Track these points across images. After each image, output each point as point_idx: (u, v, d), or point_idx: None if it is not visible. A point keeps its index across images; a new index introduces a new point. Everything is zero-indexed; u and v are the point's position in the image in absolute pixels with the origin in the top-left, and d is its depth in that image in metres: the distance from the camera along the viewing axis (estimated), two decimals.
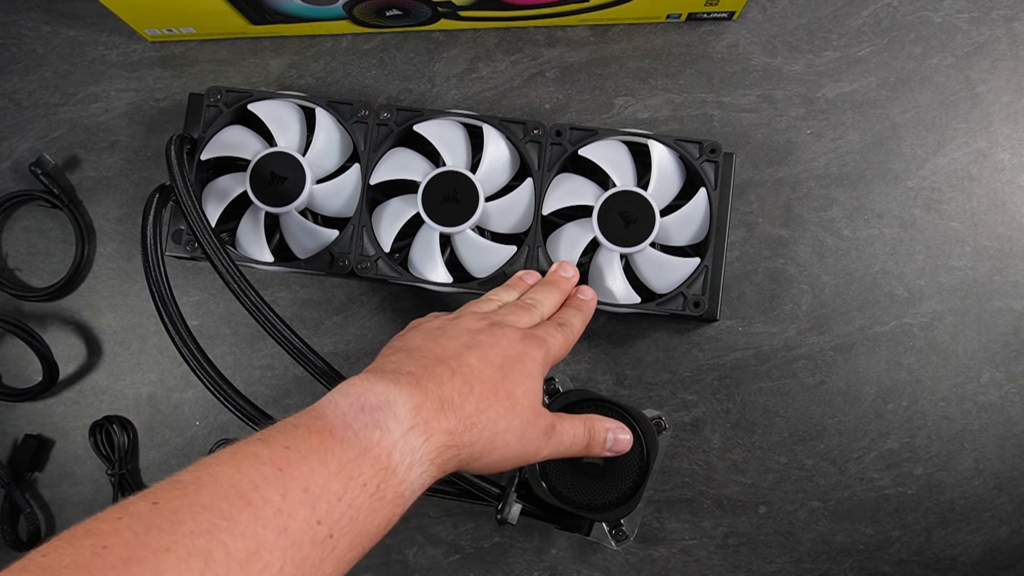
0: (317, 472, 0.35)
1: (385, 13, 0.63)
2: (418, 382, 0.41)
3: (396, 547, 0.63)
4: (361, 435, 0.38)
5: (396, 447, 0.38)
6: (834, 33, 0.65)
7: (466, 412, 0.42)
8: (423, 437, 0.40)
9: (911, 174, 0.64)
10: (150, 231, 0.54)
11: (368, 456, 0.37)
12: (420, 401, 0.40)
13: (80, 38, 0.67)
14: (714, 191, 0.58)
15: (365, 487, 0.36)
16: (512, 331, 0.47)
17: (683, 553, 0.62)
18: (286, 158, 0.59)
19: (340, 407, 0.39)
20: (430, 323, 0.49)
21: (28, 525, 0.62)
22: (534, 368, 0.47)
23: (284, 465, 0.35)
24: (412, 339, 0.47)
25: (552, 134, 0.59)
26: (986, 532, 0.62)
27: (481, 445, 0.43)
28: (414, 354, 0.44)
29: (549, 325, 0.51)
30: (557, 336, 0.50)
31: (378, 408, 0.39)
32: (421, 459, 0.39)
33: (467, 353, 0.45)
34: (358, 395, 0.40)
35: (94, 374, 0.65)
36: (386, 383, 0.40)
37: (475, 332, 0.47)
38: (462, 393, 0.42)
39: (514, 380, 0.45)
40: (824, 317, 0.63)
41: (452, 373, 0.43)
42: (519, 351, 0.46)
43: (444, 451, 0.41)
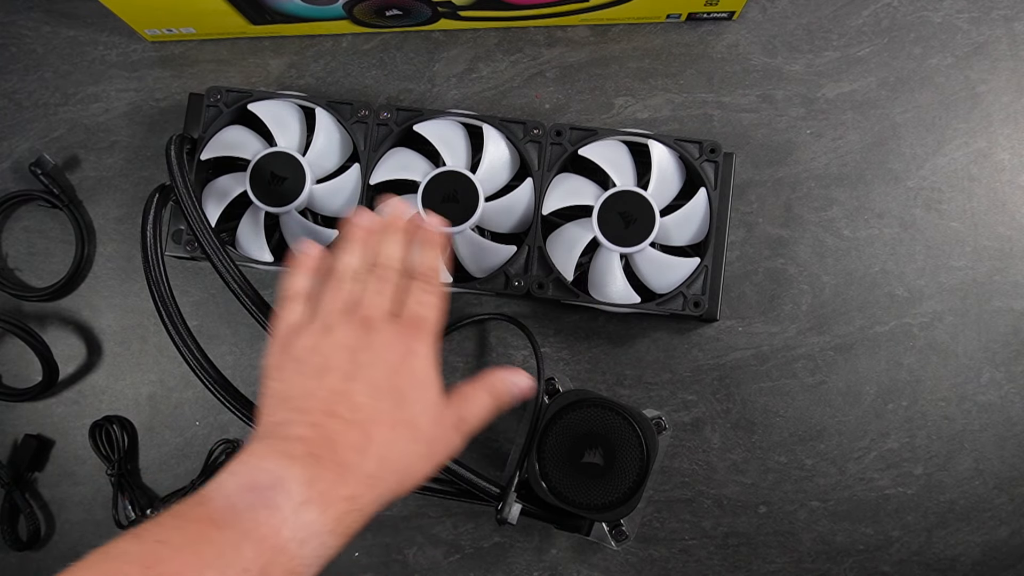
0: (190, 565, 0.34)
1: (385, 13, 0.63)
2: (311, 450, 0.39)
3: (396, 547, 0.63)
4: (245, 517, 0.36)
5: (286, 524, 0.36)
6: (834, 33, 0.65)
7: (367, 471, 0.40)
8: (318, 510, 0.38)
9: (911, 174, 0.64)
10: (150, 231, 0.54)
11: (250, 538, 0.36)
12: (314, 474, 0.38)
13: (80, 38, 0.67)
14: (714, 191, 0.58)
15: (247, 572, 0.35)
16: (389, 330, 0.44)
17: (683, 553, 0.62)
18: (286, 158, 0.59)
19: (226, 489, 0.38)
20: (302, 342, 0.44)
21: (28, 525, 0.62)
22: (425, 369, 0.44)
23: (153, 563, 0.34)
24: (292, 381, 0.43)
25: (552, 134, 0.59)
26: (986, 532, 0.62)
27: (390, 490, 0.42)
28: (301, 408, 0.42)
29: (415, 289, 0.47)
30: (429, 299, 0.47)
31: (269, 487, 0.37)
32: (318, 531, 0.37)
33: (354, 389, 0.42)
34: (247, 474, 0.38)
35: (94, 374, 0.65)
36: (277, 457, 0.39)
37: (353, 351, 0.43)
38: (360, 449, 0.40)
39: (410, 401, 0.43)
40: (824, 317, 0.63)
41: (347, 427, 0.41)
42: (403, 354, 0.44)
43: (344, 517, 0.39)
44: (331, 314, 0.46)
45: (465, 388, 0.47)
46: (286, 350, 0.45)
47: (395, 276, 0.47)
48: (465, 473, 0.56)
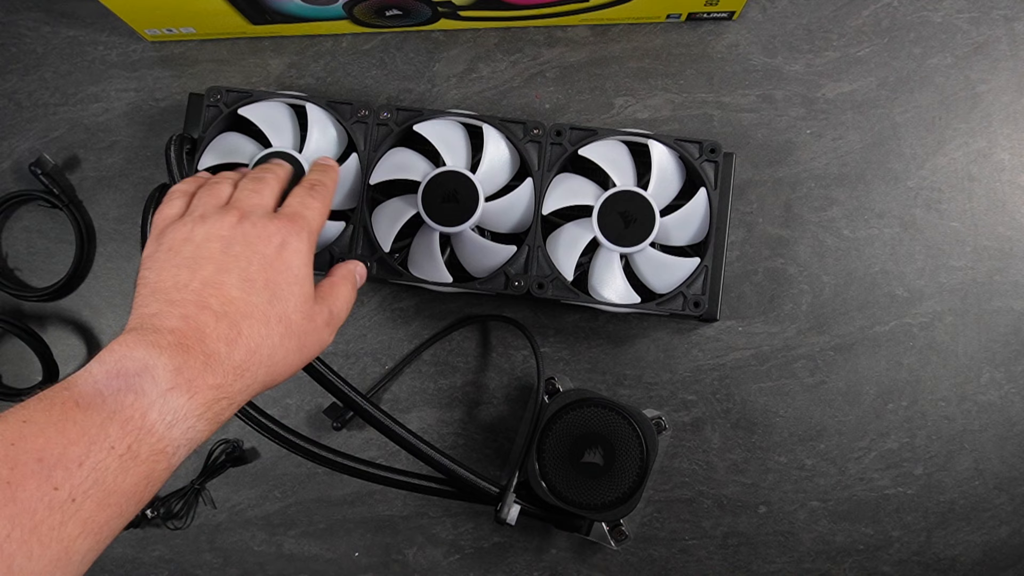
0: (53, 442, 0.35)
1: (385, 13, 0.63)
2: (180, 340, 0.40)
3: (396, 547, 0.63)
4: (110, 400, 0.37)
5: (153, 407, 0.38)
6: (834, 33, 0.65)
7: (235, 362, 0.41)
8: (186, 396, 0.39)
9: (911, 174, 0.64)
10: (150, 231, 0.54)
11: (116, 419, 0.37)
12: (182, 362, 0.39)
13: (80, 38, 0.67)
14: (714, 191, 0.58)
15: (113, 449, 0.36)
16: (264, 222, 0.46)
17: (683, 553, 0.62)
18: (284, 157, 0.59)
19: (94, 375, 0.38)
20: (178, 231, 0.46)
21: None
22: (299, 264, 0.45)
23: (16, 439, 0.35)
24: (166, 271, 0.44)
25: (552, 134, 0.59)
26: (986, 532, 0.62)
27: (260, 381, 0.43)
28: (173, 299, 0.42)
29: (299, 192, 0.49)
30: (312, 203, 0.48)
31: (135, 374, 0.38)
32: (186, 415, 0.39)
33: (227, 281, 0.43)
34: (115, 361, 0.39)
35: None
36: (146, 347, 0.40)
37: (229, 243, 0.44)
38: (229, 341, 0.41)
39: (283, 296, 0.44)
40: (824, 317, 0.63)
41: (216, 319, 0.42)
42: (278, 246, 0.45)
43: (213, 404, 0.40)
44: (207, 206, 0.47)
45: (327, 285, 0.49)
46: (160, 240, 0.46)
47: (272, 181, 0.49)
48: (464, 473, 0.56)
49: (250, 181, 0.49)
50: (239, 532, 0.63)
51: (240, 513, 0.63)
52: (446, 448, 0.63)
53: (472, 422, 0.63)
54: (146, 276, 0.44)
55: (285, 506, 0.63)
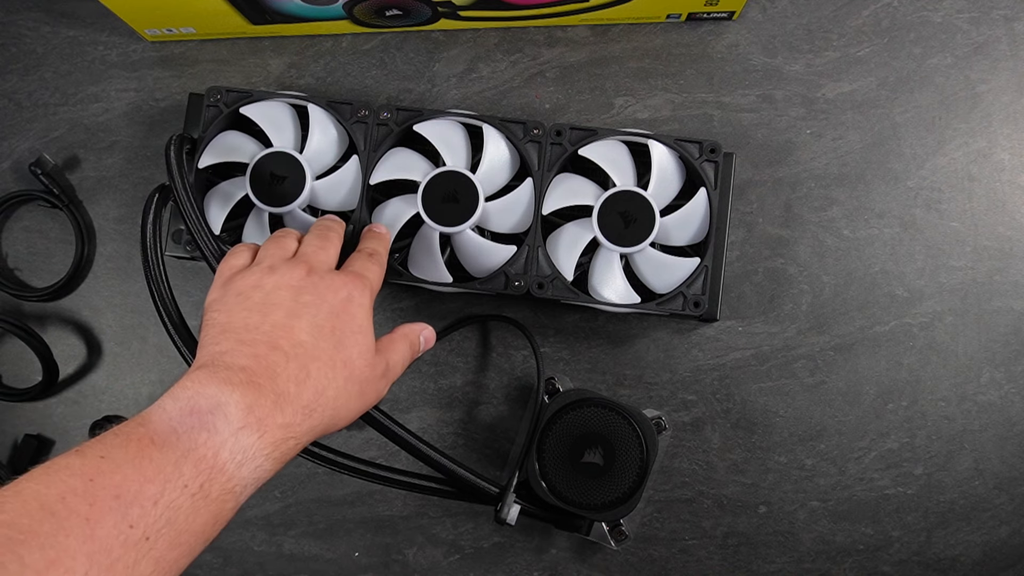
0: (130, 479, 0.35)
1: (385, 13, 0.63)
2: (252, 379, 0.41)
3: (396, 547, 0.63)
4: (184, 438, 0.38)
5: (225, 446, 0.38)
6: (834, 33, 0.65)
7: (303, 402, 0.42)
8: (256, 435, 0.40)
9: (911, 174, 0.64)
10: (150, 231, 0.54)
11: (190, 458, 0.37)
12: (254, 400, 0.40)
13: (80, 38, 0.67)
14: (714, 191, 0.58)
15: (186, 488, 0.37)
16: (331, 276, 0.48)
17: (683, 553, 0.62)
18: (284, 157, 0.59)
19: (168, 411, 0.39)
20: (246, 279, 0.47)
21: None
22: (363, 317, 0.47)
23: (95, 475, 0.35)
24: (236, 313, 0.45)
25: (552, 134, 0.59)
26: (986, 532, 0.62)
27: (324, 423, 0.44)
28: (244, 339, 0.43)
29: (359, 257, 0.51)
30: (372, 267, 0.51)
31: (208, 411, 0.39)
32: (255, 455, 0.39)
33: (297, 326, 0.44)
34: (188, 399, 0.40)
35: (94, 374, 0.65)
36: (218, 384, 0.40)
37: (297, 291, 0.46)
38: (298, 381, 0.43)
39: (348, 344, 0.46)
40: (824, 317, 0.63)
41: (287, 359, 0.43)
42: (345, 299, 0.47)
43: (280, 444, 0.41)
44: (275, 257, 0.49)
45: (387, 340, 0.50)
46: (228, 286, 0.47)
47: (335, 237, 0.52)
48: (464, 474, 0.56)
49: (315, 238, 0.51)
50: (239, 532, 0.63)
51: (240, 513, 0.63)
52: (446, 448, 0.63)
53: (472, 422, 0.63)
54: (215, 318, 0.46)
55: (285, 506, 0.63)
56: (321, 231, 0.52)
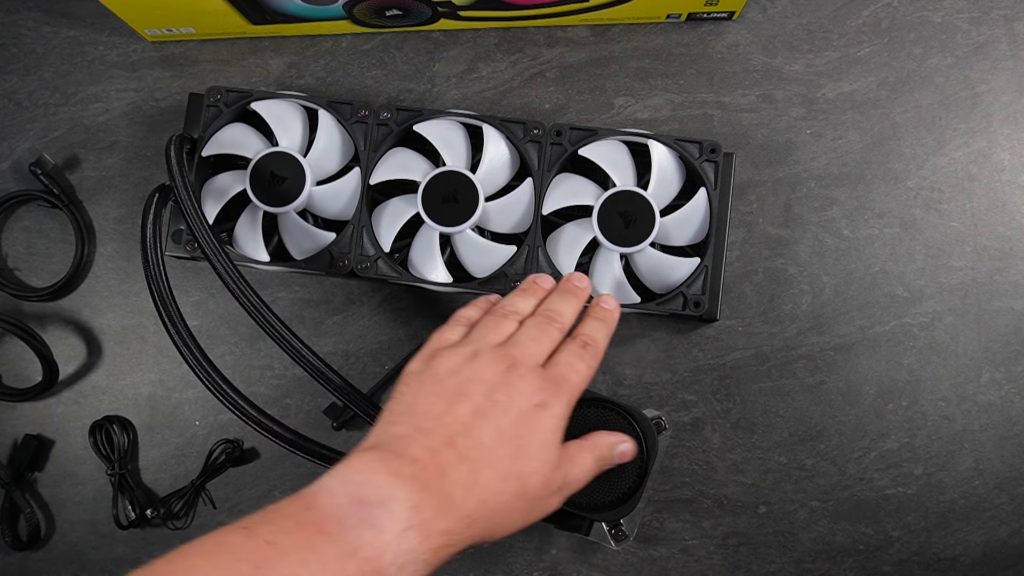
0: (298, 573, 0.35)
1: (385, 13, 0.63)
2: (420, 476, 0.40)
3: None
4: (351, 533, 0.37)
5: (388, 549, 0.37)
6: (834, 33, 0.65)
7: (467, 510, 0.40)
8: (419, 539, 0.38)
9: (911, 174, 0.64)
10: (150, 231, 0.54)
11: (356, 557, 0.36)
12: (420, 500, 0.39)
13: (80, 38, 0.67)
14: (714, 191, 0.58)
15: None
16: (530, 377, 0.45)
17: (683, 553, 0.62)
18: (287, 158, 0.59)
19: (336, 498, 0.38)
20: (447, 360, 0.45)
21: (28, 525, 0.62)
22: (552, 429, 0.44)
23: (263, 563, 0.34)
24: (423, 395, 0.44)
25: (552, 134, 0.59)
26: (986, 532, 0.62)
27: (481, 536, 0.42)
28: (422, 427, 0.42)
29: (572, 350, 0.47)
30: (580, 366, 0.47)
31: (376, 504, 0.38)
32: (414, 559, 0.38)
33: (480, 426, 0.42)
34: (358, 485, 0.39)
35: (94, 374, 0.65)
36: (387, 475, 0.39)
37: (493, 388, 0.43)
38: (466, 487, 0.41)
39: (528, 455, 0.43)
40: (824, 317, 0.63)
41: (459, 460, 0.41)
42: (537, 405, 0.44)
43: (439, 551, 0.39)
44: (483, 342, 0.46)
45: (572, 449, 0.46)
46: (429, 363, 0.46)
47: (555, 331, 0.48)
48: None
49: (534, 327, 0.48)
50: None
51: (240, 513, 0.63)
52: None
53: None
54: (404, 392, 0.45)
55: None
56: (543, 320, 0.48)
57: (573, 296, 0.51)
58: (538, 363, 0.46)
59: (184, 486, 0.63)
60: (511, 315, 0.49)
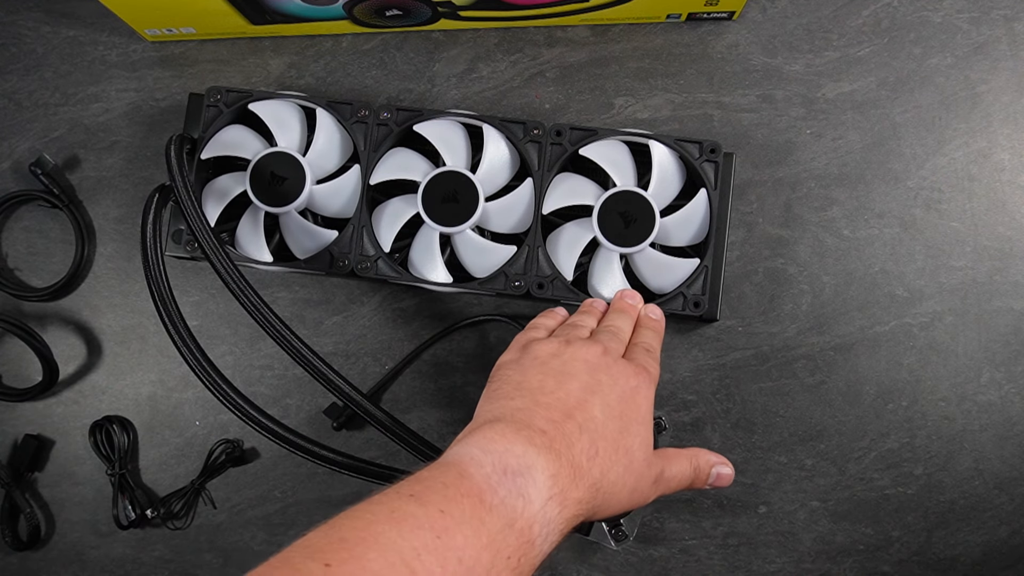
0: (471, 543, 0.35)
1: (385, 13, 0.63)
2: (551, 444, 0.41)
3: None
4: (507, 503, 0.38)
5: (537, 519, 0.38)
6: (834, 33, 0.65)
7: (593, 478, 0.42)
8: (559, 508, 0.39)
9: (911, 174, 0.64)
10: (150, 231, 0.54)
11: (513, 528, 0.37)
12: (556, 469, 0.40)
13: (80, 38, 0.67)
14: (714, 191, 0.58)
15: (508, 560, 0.37)
16: (625, 365, 0.48)
17: (683, 553, 0.62)
18: (286, 158, 0.59)
19: (484, 468, 0.39)
20: (544, 347, 0.48)
21: (28, 525, 0.62)
22: (647, 410, 0.47)
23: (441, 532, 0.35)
24: (531, 374, 0.46)
25: (552, 134, 0.59)
26: (986, 532, 0.62)
27: (600, 507, 0.43)
28: (539, 400, 0.44)
29: (639, 352, 0.50)
30: (652, 363, 0.50)
31: (519, 473, 0.39)
32: (554, 529, 0.39)
33: (591, 401, 0.44)
34: (500, 454, 0.39)
35: (94, 374, 0.65)
36: (524, 444, 0.40)
37: (594, 368, 0.46)
38: (589, 456, 0.42)
39: (632, 432, 0.45)
40: (824, 317, 0.63)
41: (580, 431, 0.43)
42: (634, 387, 0.47)
43: (572, 520, 0.41)
44: (572, 335, 0.49)
45: (672, 452, 0.49)
46: (525, 351, 0.48)
47: (626, 335, 0.51)
48: None
49: (608, 333, 0.51)
50: (239, 532, 0.63)
51: (240, 513, 0.63)
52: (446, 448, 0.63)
53: None
54: (509, 375, 0.46)
55: (285, 506, 0.63)
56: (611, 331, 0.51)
57: (627, 313, 0.54)
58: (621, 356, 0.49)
59: (184, 486, 0.63)
60: (582, 325, 0.52)
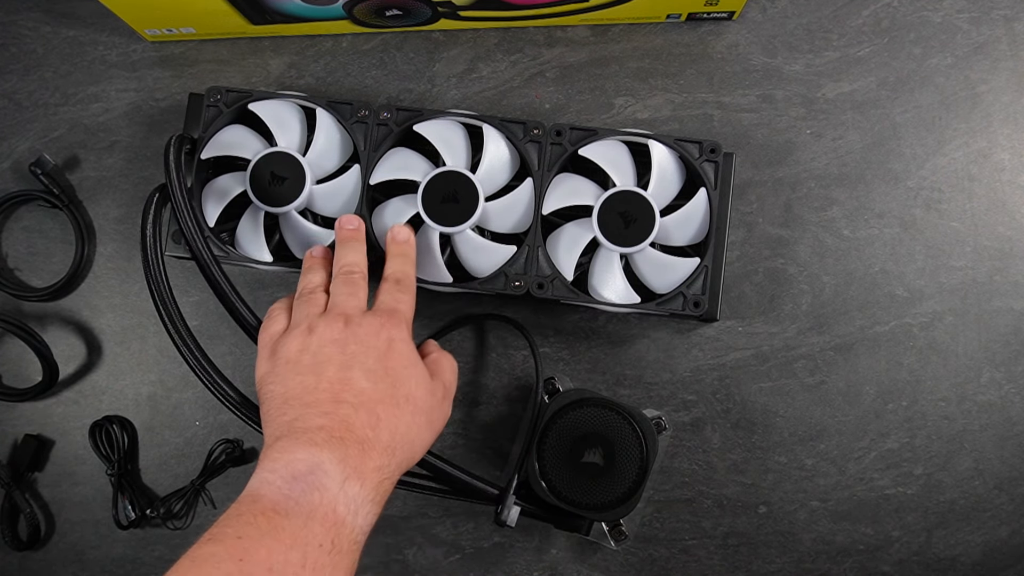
0: (275, 550, 0.37)
1: (385, 13, 0.63)
2: (332, 435, 0.43)
3: (396, 547, 0.63)
4: (302, 501, 0.40)
5: (338, 501, 0.40)
6: (834, 33, 0.65)
7: (384, 443, 0.44)
8: (358, 483, 0.42)
9: (911, 174, 0.64)
10: (150, 231, 0.54)
11: (315, 518, 0.39)
12: (343, 453, 0.42)
13: (80, 38, 0.67)
14: (714, 191, 0.58)
15: (322, 547, 0.39)
16: (368, 320, 0.48)
17: (683, 553, 0.62)
18: (286, 158, 0.59)
19: (272, 483, 0.40)
20: (291, 344, 0.48)
21: (28, 525, 0.62)
22: (408, 351, 0.48)
23: (243, 555, 0.36)
24: (290, 382, 0.46)
25: (552, 134, 0.59)
26: (986, 532, 0.62)
27: (407, 458, 0.46)
28: (307, 401, 0.45)
29: (388, 289, 0.52)
30: (403, 296, 0.51)
31: (309, 472, 0.41)
32: (363, 501, 0.41)
33: (352, 376, 0.46)
34: (284, 466, 0.41)
35: (94, 374, 0.65)
36: (305, 447, 0.42)
37: (342, 344, 0.47)
38: (372, 426, 0.44)
39: (403, 379, 0.47)
40: (824, 317, 0.63)
41: (355, 409, 0.44)
42: (387, 340, 0.48)
43: (379, 487, 0.43)
44: (310, 317, 0.49)
45: (431, 361, 0.51)
46: (275, 356, 0.48)
47: (359, 279, 0.52)
48: (464, 477, 0.56)
49: (342, 284, 0.51)
50: None
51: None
52: (446, 448, 0.63)
53: (472, 422, 0.63)
54: (272, 390, 0.47)
55: None
56: (345, 277, 0.52)
57: (354, 241, 0.54)
58: (364, 309, 0.50)
59: (184, 486, 0.63)
60: (315, 290, 0.52)
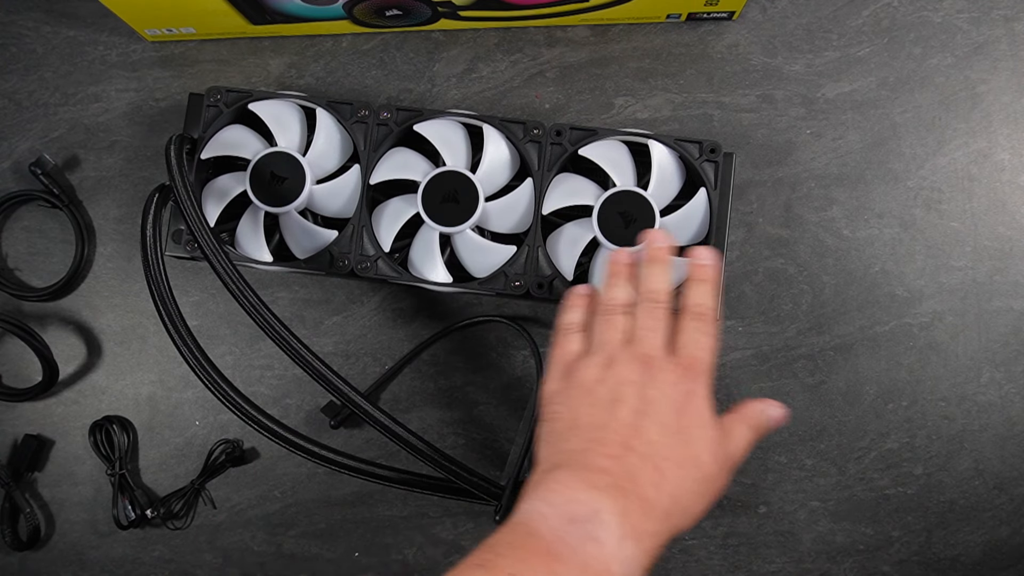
0: None
1: (385, 13, 0.63)
2: (616, 483, 0.41)
3: (396, 547, 0.63)
4: (578, 551, 0.38)
5: (614, 559, 0.38)
6: (834, 33, 0.65)
7: (664, 507, 0.41)
8: (634, 543, 0.39)
9: (911, 174, 0.64)
10: (150, 231, 0.54)
11: (588, 573, 0.37)
12: (624, 506, 0.40)
13: (80, 38, 0.67)
14: (714, 191, 0.58)
15: None
16: (671, 369, 0.45)
17: (683, 553, 0.62)
18: (286, 158, 0.59)
19: (548, 519, 0.39)
20: (587, 372, 0.46)
21: (28, 525, 0.62)
22: (705, 409, 0.45)
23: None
24: (581, 410, 0.45)
25: (552, 134, 0.59)
26: (986, 532, 0.62)
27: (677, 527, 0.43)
28: (595, 437, 0.43)
29: (688, 327, 0.48)
30: (703, 341, 0.47)
31: (587, 519, 0.39)
32: (636, 566, 0.39)
33: (645, 425, 0.43)
34: (564, 504, 0.40)
35: (94, 374, 0.65)
36: (586, 489, 0.40)
37: (640, 386, 0.45)
38: (656, 485, 0.42)
39: (695, 439, 0.44)
40: (824, 317, 0.63)
41: (642, 460, 0.42)
42: (685, 392, 0.45)
43: (651, 552, 0.40)
44: (610, 345, 0.47)
45: (727, 424, 0.47)
46: (569, 378, 0.47)
47: (662, 311, 0.48)
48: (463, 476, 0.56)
49: (646, 316, 0.48)
50: (239, 532, 0.63)
51: (240, 513, 0.63)
52: (446, 448, 0.63)
53: (472, 422, 0.63)
54: (559, 411, 0.45)
55: (285, 506, 0.63)
56: (651, 307, 0.48)
57: (660, 263, 0.50)
58: (666, 350, 0.47)
59: (184, 486, 0.63)
60: (617, 309, 0.49)
